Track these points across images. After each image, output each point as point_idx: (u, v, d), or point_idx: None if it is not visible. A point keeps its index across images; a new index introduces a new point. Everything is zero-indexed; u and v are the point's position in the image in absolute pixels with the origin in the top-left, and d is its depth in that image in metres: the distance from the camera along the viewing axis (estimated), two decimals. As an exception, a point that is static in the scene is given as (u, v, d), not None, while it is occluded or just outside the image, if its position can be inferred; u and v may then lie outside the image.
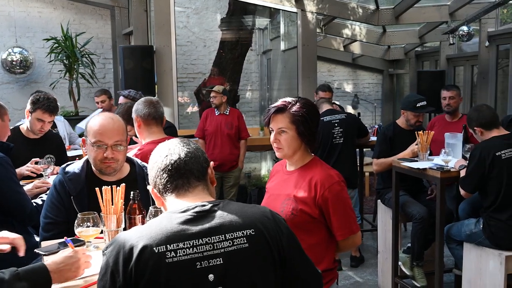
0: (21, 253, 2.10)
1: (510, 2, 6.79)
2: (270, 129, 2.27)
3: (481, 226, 3.34)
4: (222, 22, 8.58)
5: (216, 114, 5.78)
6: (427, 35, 8.76)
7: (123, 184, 2.11)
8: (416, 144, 3.94)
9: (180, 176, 1.52)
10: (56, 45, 8.28)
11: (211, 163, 1.62)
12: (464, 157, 3.83)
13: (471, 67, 8.31)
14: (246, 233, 1.43)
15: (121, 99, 4.78)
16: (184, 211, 1.44)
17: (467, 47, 8.44)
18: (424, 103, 4.17)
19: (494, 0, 6.07)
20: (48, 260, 1.82)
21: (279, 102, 2.24)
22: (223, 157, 5.68)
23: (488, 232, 3.29)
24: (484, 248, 3.36)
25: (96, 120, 2.34)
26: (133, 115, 3.15)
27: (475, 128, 3.45)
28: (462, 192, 3.36)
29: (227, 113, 5.77)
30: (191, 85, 9.56)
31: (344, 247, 2.31)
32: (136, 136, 3.29)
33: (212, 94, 5.75)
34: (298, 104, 2.21)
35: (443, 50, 8.71)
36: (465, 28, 6.81)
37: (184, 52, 9.69)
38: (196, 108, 9.08)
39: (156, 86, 6.27)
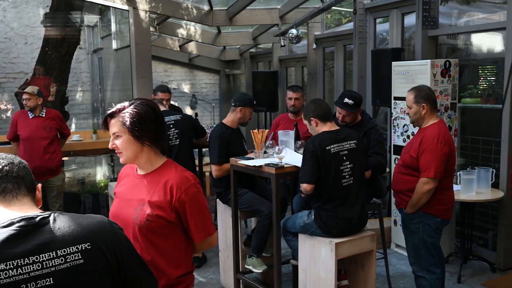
0: None
1: (333, 8, 7.35)
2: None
3: (313, 217, 3.49)
4: (46, 18, 7.92)
5: (31, 117, 5.18)
6: (260, 37, 9.09)
7: None
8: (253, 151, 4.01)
9: (10, 180, 1.38)
10: None
11: (39, 185, 1.51)
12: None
13: (301, 68, 8.83)
14: (81, 247, 1.31)
15: None
16: (7, 226, 1.26)
17: (297, 49, 8.93)
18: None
19: (319, 5, 6.49)
20: None
21: (114, 107, 2.13)
22: (42, 164, 5.11)
23: (320, 222, 3.45)
24: (317, 237, 3.52)
25: None
26: None
27: (311, 118, 3.53)
28: (305, 186, 3.42)
29: (43, 115, 5.22)
30: (11, 86, 8.70)
31: (201, 249, 2.29)
32: None
33: (25, 97, 5.14)
34: (132, 106, 2.09)
35: (276, 51, 9.13)
36: (294, 31, 7.16)
37: (2, 49, 8.86)
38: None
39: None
